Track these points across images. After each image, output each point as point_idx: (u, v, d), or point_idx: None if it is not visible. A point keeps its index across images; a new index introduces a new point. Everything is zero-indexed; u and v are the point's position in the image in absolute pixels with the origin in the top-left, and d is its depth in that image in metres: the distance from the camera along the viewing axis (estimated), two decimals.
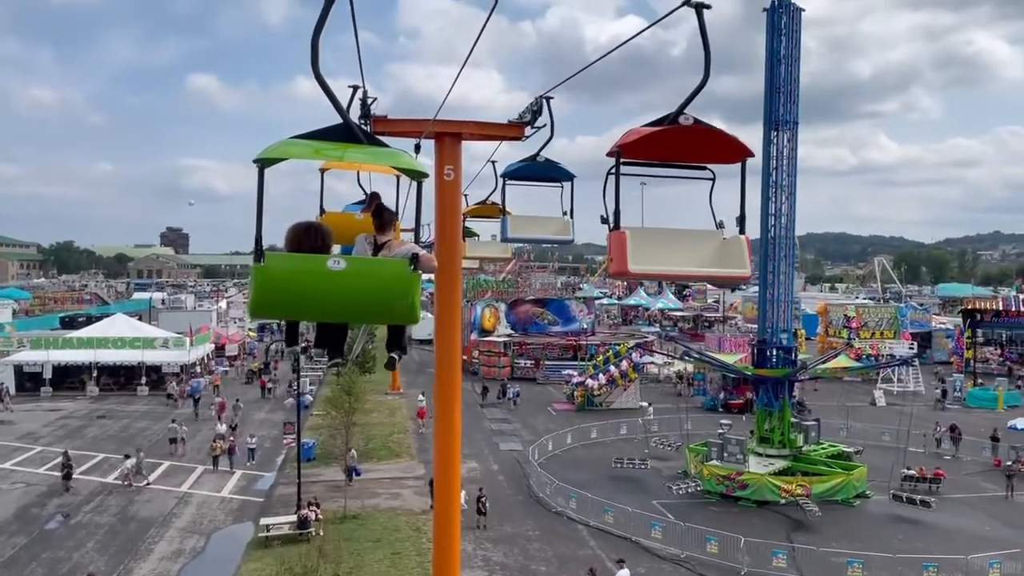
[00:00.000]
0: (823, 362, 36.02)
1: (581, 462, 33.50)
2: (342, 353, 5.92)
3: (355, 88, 11.25)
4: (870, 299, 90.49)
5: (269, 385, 51.48)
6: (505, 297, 66.48)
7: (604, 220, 6.08)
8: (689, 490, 28.68)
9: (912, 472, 29.53)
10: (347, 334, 5.97)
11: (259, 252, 4.41)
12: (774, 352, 30.50)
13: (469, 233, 15.29)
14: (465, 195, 14.58)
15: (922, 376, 51.66)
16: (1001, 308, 61.25)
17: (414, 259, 4.55)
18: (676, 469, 32.12)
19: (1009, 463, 28.01)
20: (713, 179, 6.60)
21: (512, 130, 12.97)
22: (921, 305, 75.07)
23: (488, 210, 14.52)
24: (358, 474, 29.77)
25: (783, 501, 27.53)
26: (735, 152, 6.22)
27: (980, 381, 51.33)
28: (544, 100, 8.63)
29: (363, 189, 11.45)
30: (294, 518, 24.76)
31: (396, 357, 6.04)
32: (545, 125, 12.14)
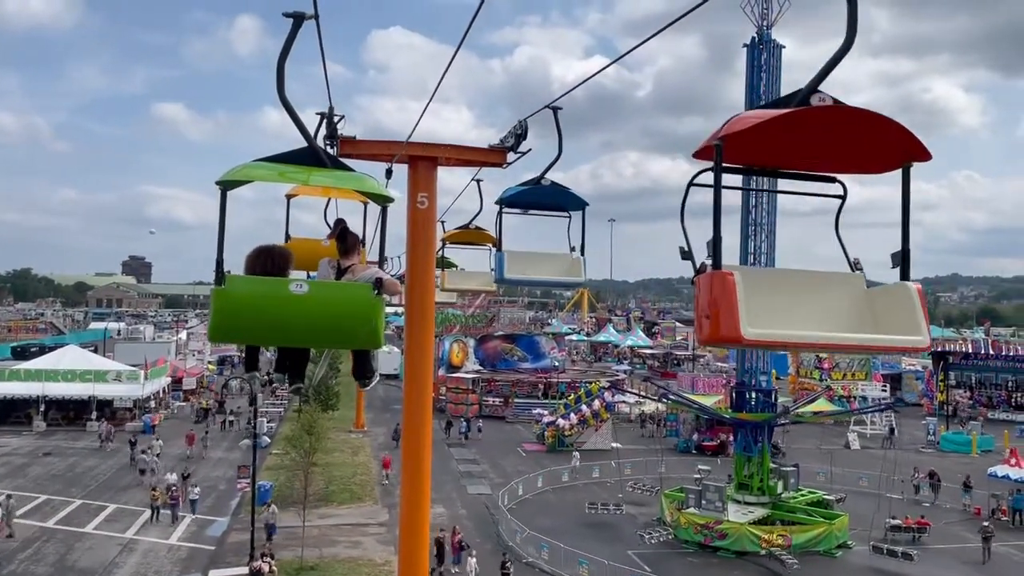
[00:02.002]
0: (803, 405, 35.18)
1: (552, 507, 32.12)
2: (303, 378, 5.82)
3: (323, 115, 10.37)
4: None
5: (231, 418, 49.38)
6: (474, 332, 65.23)
7: (686, 255, 4.57)
8: (663, 539, 27.41)
9: (897, 521, 28.56)
10: (308, 358, 5.88)
11: (220, 275, 4.33)
12: (753, 395, 29.58)
13: (446, 264, 14.03)
14: (441, 221, 13.49)
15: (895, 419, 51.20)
16: (970, 350, 61.36)
17: (377, 283, 4.53)
18: (651, 515, 30.85)
19: (985, 523, 26.90)
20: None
21: (493, 155, 11.90)
22: None
23: (472, 236, 13.26)
24: (274, 532, 26.86)
25: (763, 552, 26.37)
26: (896, 150, 4.31)
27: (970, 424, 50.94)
28: (552, 111, 7.89)
29: (327, 223, 10.81)
30: (246, 571, 23.02)
31: (368, 382, 5.78)
32: (530, 151, 11.13)
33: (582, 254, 9.45)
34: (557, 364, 60.07)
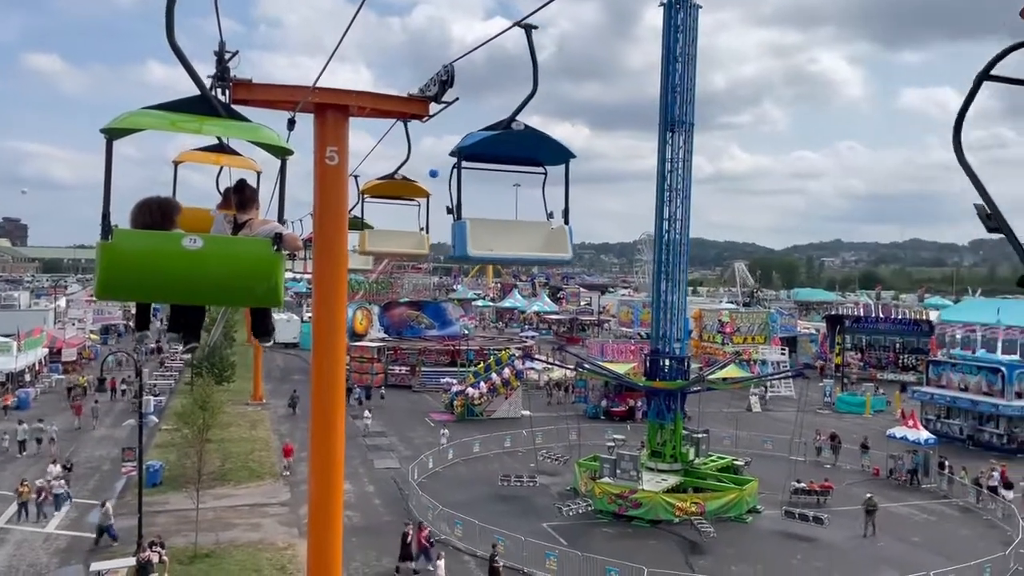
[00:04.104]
0: (716, 372, 35.26)
1: (464, 480, 31.19)
2: (198, 338, 5.62)
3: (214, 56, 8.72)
4: (732, 303, 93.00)
5: (123, 387, 46.20)
6: (378, 299, 63.37)
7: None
8: (580, 511, 26.88)
9: (802, 485, 28.99)
10: (204, 317, 5.63)
11: (106, 228, 4.16)
12: (667, 362, 29.27)
13: (360, 225, 12.29)
14: (355, 176, 11.89)
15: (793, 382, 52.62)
16: (861, 314, 63.74)
17: (277, 238, 4.37)
18: (565, 486, 30.35)
19: (868, 495, 26.73)
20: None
21: (413, 105, 10.37)
22: (787, 311, 77.51)
23: (398, 188, 11.45)
24: (112, 536, 23.76)
25: (677, 520, 26.22)
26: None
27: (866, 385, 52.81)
28: (525, 29, 6.12)
29: (218, 190, 9.31)
30: (133, 562, 21.06)
31: (268, 339, 5.72)
32: (457, 100, 9.72)
33: (566, 222, 7.22)
34: (467, 331, 59.02)
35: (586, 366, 36.86)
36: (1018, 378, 37.67)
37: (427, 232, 11.72)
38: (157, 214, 4.63)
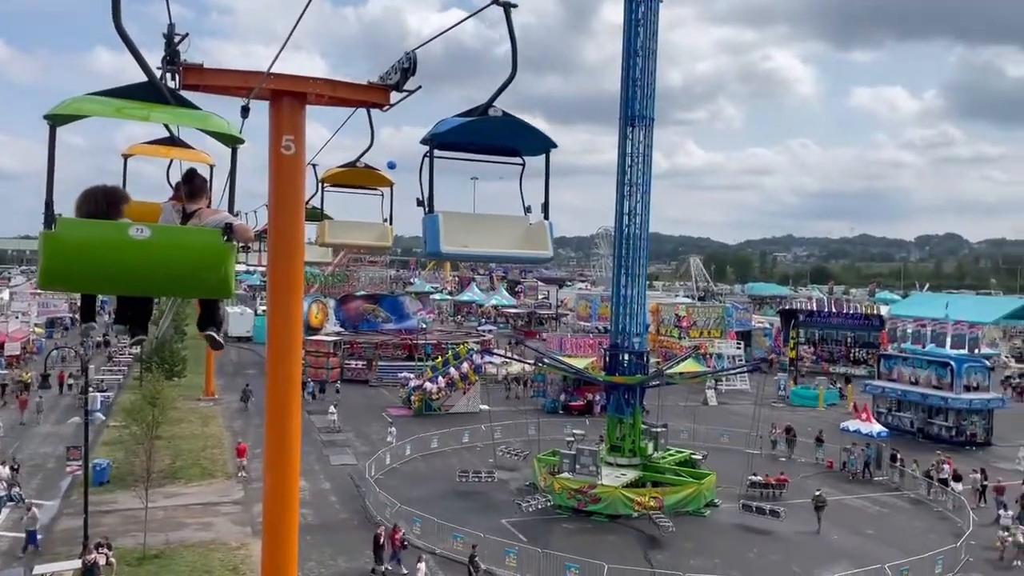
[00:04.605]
0: (675, 366, 35.43)
1: (423, 476, 30.84)
2: (146, 329, 5.43)
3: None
4: (687, 297, 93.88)
5: (70, 381, 44.80)
6: (334, 292, 62.53)
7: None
8: (539, 506, 26.73)
9: (759, 479, 29.23)
10: (151, 309, 5.56)
11: (49, 217, 4.04)
12: (626, 357, 29.25)
13: (319, 216, 11.80)
14: (313, 165, 11.43)
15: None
16: (814, 308, 64.72)
17: (228, 229, 4.31)
18: (524, 481, 30.19)
19: (818, 492, 26.80)
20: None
21: (374, 93, 9.98)
22: (742, 305, 78.44)
23: (360, 176, 10.98)
24: (34, 543, 22.58)
25: (636, 514, 26.23)
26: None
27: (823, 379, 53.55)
28: (504, 8, 5.76)
29: (169, 184, 9.06)
30: (78, 564, 20.32)
31: (215, 335, 5.58)
32: (419, 88, 9.38)
33: (546, 216, 6.66)
34: (424, 325, 58.51)
35: (546, 361, 36.71)
36: (966, 372, 38.53)
37: (391, 224, 11.30)
38: (103, 203, 4.51)
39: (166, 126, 9.01)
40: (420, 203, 6.31)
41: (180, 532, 24.16)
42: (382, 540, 21.75)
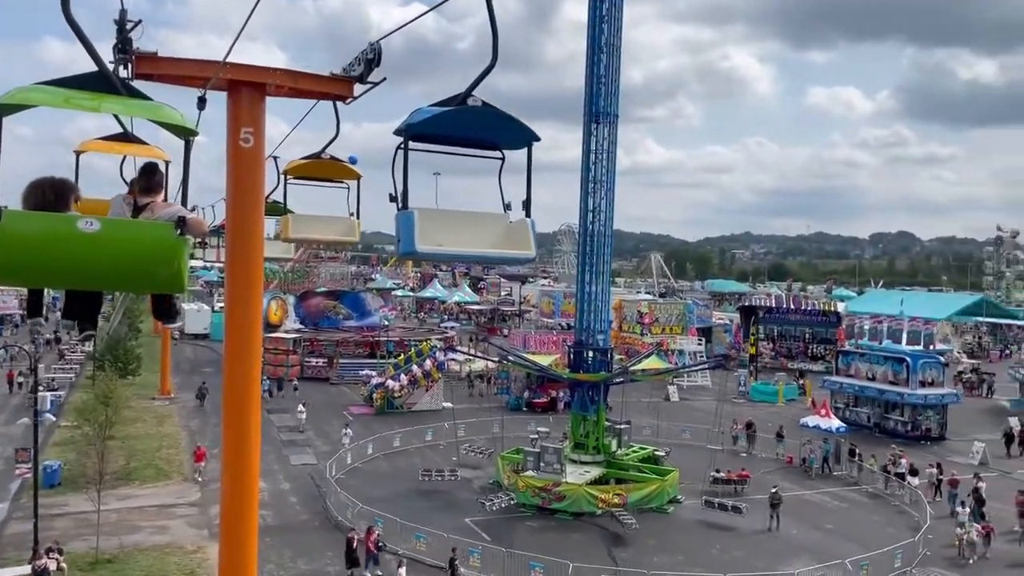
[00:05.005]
0: (639, 363, 35.49)
1: (385, 475, 30.47)
2: (95, 325, 5.45)
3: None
4: (648, 294, 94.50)
5: (20, 379, 43.50)
6: (293, 288, 61.65)
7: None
8: (503, 504, 26.55)
9: (722, 475, 29.41)
10: (101, 303, 5.39)
11: None
12: (590, 354, 29.20)
13: (282, 210, 11.40)
14: (274, 157, 11.06)
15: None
16: (773, 305, 65.55)
17: (180, 222, 4.17)
18: (488, 479, 29.99)
19: (773, 489, 26.85)
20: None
21: (336, 85, 9.69)
22: (702, 301, 79.07)
23: (325, 168, 10.58)
24: None
25: (600, 512, 26.20)
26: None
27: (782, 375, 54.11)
28: None
29: (124, 180, 8.60)
30: (28, 570, 19.65)
31: (172, 321, 5.63)
32: (384, 80, 9.10)
33: (528, 214, 6.28)
34: (387, 322, 57.97)
35: (510, 358, 36.52)
36: (922, 368, 39.25)
37: (358, 218, 10.96)
38: (51, 195, 4.39)
39: (120, 122, 8.63)
40: (392, 198, 5.98)
41: (134, 535, 23.53)
42: (355, 544, 21.26)
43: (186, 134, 4.67)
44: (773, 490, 26.76)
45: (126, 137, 8.43)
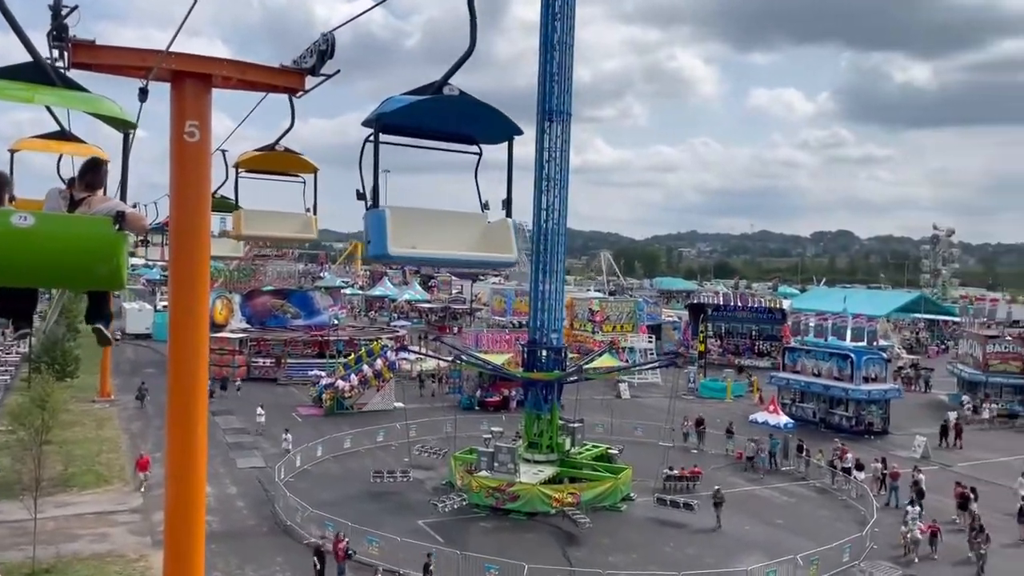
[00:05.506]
0: (592, 361, 35.50)
1: (335, 478, 29.93)
2: (30, 323, 5.44)
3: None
4: (598, 292, 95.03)
5: None
6: (239, 287, 60.31)
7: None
8: (455, 505, 26.27)
9: (675, 472, 29.59)
10: (37, 301, 5.29)
11: None
12: (544, 353, 29.09)
13: (228, 206, 10.90)
14: (223, 151, 10.60)
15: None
16: (721, 302, 66.45)
17: (119, 217, 4.16)
18: (440, 480, 29.68)
19: (717, 487, 26.80)
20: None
21: (287, 77, 9.25)
22: (652, 299, 79.84)
23: (279, 161, 9.82)
24: None
25: (554, 511, 26.10)
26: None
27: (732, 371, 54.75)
28: None
29: (61, 178, 8.58)
30: None
31: (103, 328, 5.37)
32: (338, 72, 8.77)
33: (508, 214, 5.98)
34: (336, 321, 57.13)
35: (464, 358, 36.22)
36: (866, 364, 40.09)
37: (314, 213, 10.52)
38: None
39: (53, 115, 8.16)
40: (360, 196, 5.65)
41: (73, 544, 22.64)
42: (324, 553, 20.70)
43: (125, 127, 4.60)
44: (716, 488, 26.93)
45: (64, 135, 8.01)
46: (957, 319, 74.27)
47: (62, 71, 5.90)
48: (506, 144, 5.98)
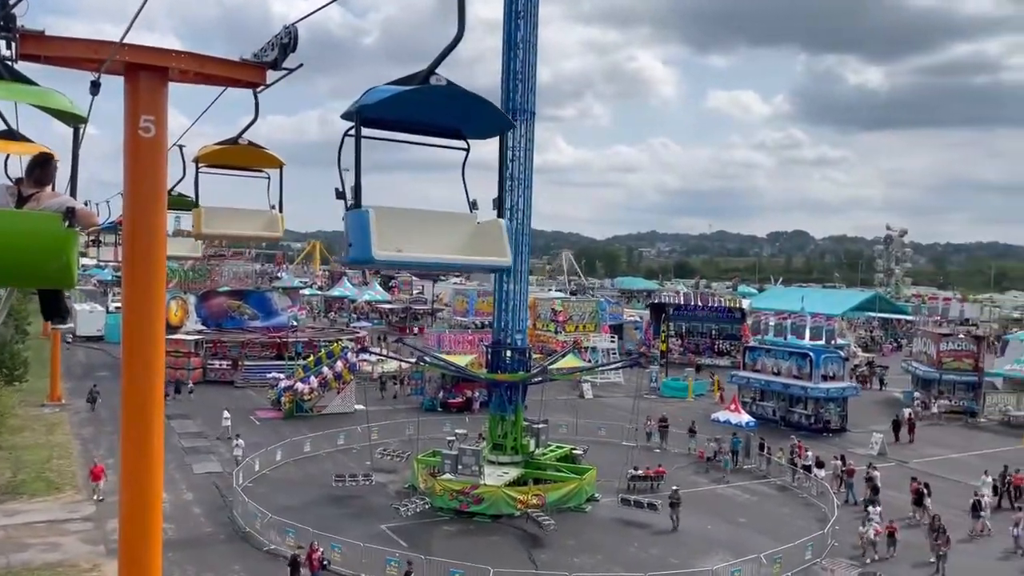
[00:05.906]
0: (557, 361, 35.38)
1: (295, 482, 29.37)
2: None
3: None
4: (560, 291, 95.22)
5: None
6: (194, 287, 59.15)
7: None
8: (418, 509, 25.95)
9: (639, 472, 29.61)
10: None
11: None
12: (508, 354, 28.90)
13: (186, 204, 10.44)
14: (180, 147, 10.19)
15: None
16: (681, 302, 66.94)
17: (69, 213, 4.05)
18: (403, 483, 29.31)
19: (674, 487, 26.70)
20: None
21: (247, 71, 8.96)
22: (614, 299, 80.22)
23: (242, 155, 9.32)
24: None
25: (518, 513, 25.92)
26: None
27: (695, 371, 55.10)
28: None
29: (8, 177, 8.18)
30: None
31: (60, 324, 5.49)
32: (301, 67, 8.49)
33: (500, 214, 5.72)
34: (295, 322, 56.28)
35: (427, 359, 35.85)
36: (824, 362, 40.64)
37: (280, 211, 10.12)
38: None
39: (2, 116, 7.84)
40: (340, 195, 5.26)
41: (22, 554, 21.87)
42: (299, 564, 20.20)
43: (75, 121, 4.51)
44: (674, 488, 26.89)
45: (10, 135, 7.64)
46: (910, 318, 76.04)
47: (9, 63, 5.63)
48: (496, 139, 5.78)
